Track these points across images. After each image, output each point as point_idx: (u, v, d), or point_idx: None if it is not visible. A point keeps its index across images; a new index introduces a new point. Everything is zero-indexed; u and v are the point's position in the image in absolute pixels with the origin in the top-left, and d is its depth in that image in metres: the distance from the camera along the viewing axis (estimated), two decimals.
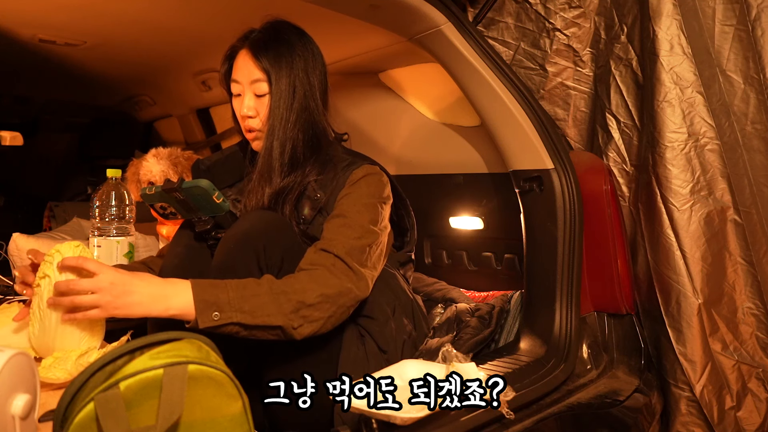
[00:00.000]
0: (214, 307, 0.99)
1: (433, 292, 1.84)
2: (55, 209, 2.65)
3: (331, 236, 1.16)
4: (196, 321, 0.99)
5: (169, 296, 0.99)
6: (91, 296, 0.97)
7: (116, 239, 1.55)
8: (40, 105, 2.76)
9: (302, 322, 1.05)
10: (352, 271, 1.12)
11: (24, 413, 0.69)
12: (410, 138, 2.08)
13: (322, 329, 1.08)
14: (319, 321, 1.07)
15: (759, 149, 1.37)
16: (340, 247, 1.13)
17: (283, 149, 1.24)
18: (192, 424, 0.73)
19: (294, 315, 1.04)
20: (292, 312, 1.04)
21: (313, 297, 1.06)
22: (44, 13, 1.54)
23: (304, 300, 1.05)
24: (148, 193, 1.29)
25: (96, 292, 0.97)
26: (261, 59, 1.23)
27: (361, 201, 1.22)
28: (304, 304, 1.05)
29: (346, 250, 1.13)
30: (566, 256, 1.44)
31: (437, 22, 1.40)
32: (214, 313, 0.99)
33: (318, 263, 1.11)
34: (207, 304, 0.99)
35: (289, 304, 1.04)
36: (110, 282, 0.97)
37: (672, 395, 1.51)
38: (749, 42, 1.33)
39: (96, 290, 0.97)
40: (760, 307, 1.44)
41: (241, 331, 1.02)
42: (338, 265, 1.11)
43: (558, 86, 1.66)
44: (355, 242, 1.15)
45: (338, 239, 1.15)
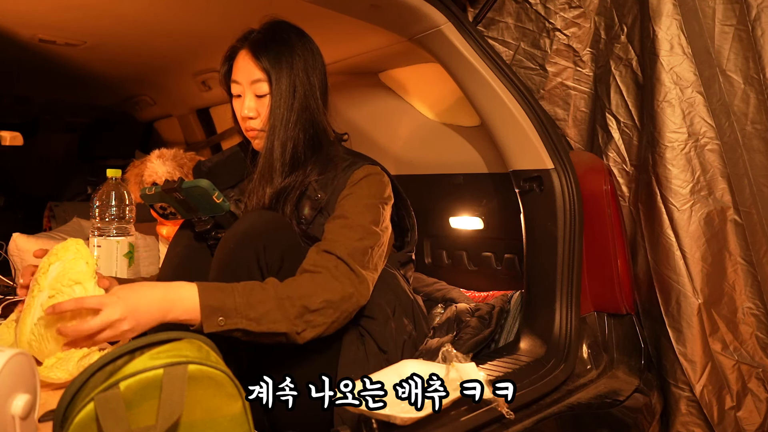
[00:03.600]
0: (219, 313, 0.99)
1: (433, 292, 1.84)
2: (55, 209, 2.65)
3: (333, 237, 1.16)
4: (200, 325, 0.99)
5: (175, 303, 0.98)
6: (107, 332, 0.94)
7: (116, 239, 1.55)
8: (40, 105, 2.76)
9: (306, 327, 1.05)
10: (355, 274, 1.12)
11: (24, 413, 0.69)
12: (410, 138, 2.07)
13: (324, 334, 1.09)
14: (322, 326, 1.07)
15: (759, 149, 1.37)
16: (342, 249, 1.13)
17: (284, 149, 1.24)
18: (192, 424, 0.73)
19: (298, 320, 1.04)
20: (297, 317, 1.04)
21: (317, 302, 1.06)
22: (44, 13, 1.54)
23: (308, 305, 1.05)
24: (148, 194, 1.29)
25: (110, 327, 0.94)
26: (261, 59, 1.23)
27: (363, 202, 1.22)
28: (308, 310, 1.05)
29: (349, 252, 1.13)
30: (566, 256, 1.44)
31: (437, 22, 1.40)
32: (219, 319, 0.99)
33: (321, 265, 1.11)
34: (213, 309, 0.99)
35: (293, 309, 1.04)
36: (119, 316, 0.94)
37: (672, 395, 1.51)
38: (749, 42, 1.33)
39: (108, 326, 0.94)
40: (760, 307, 1.44)
41: (245, 336, 1.03)
42: (341, 268, 1.11)
43: (558, 86, 1.66)
44: (357, 244, 1.15)
45: (340, 240, 1.15)
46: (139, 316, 0.95)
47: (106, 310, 0.93)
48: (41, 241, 1.75)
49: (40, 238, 1.81)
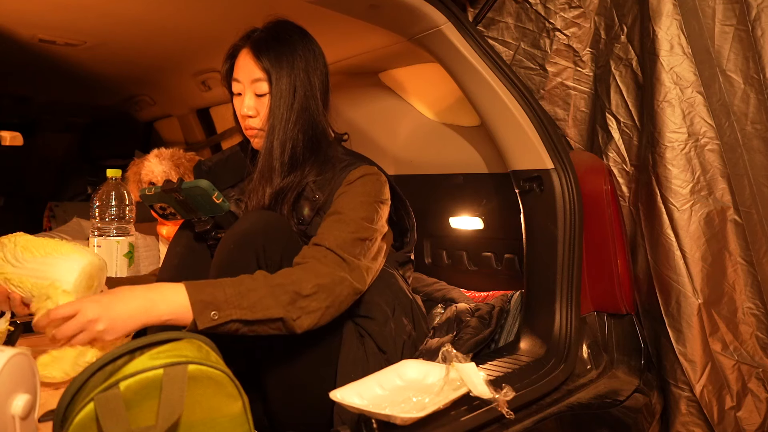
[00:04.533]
0: (211, 307, 0.98)
1: (433, 292, 1.84)
2: (55, 209, 2.66)
3: (323, 231, 1.17)
4: (194, 323, 0.97)
5: (157, 302, 0.97)
6: (84, 335, 0.93)
7: (116, 239, 1.55)
8: (40, 105, 2.76)
9: (300, 314, 1.04)
10: (345, 261, 1.12)
11: (24, 413, 0.69)
12: (410, 138, 2.07)
13: (321, 321, 1.08)
14: (317, 312, 1.06)
15: (759, 149, 1.37)
16: (331, 240, 1.13)
17: (284, 149, 1.24)
18: (192, 424, 0.73)
19: (291, 306, 1.04)
20: (290, 303, 1.04)
21: (308, 287, 1.05)
22: (44, 13, 1.54)
23: (300, 291, 1.05)
24: (148, 194, 1.29)
25: (85, 329, 0.93)
26: (262, 59, 1.23)
27: (357, 199, 1.22)
28: (300, 295, 1.04)
29: (338, 243, 1.13)
30: (566, 256, 1.44)
31: (437, 22, 1.40)
32: (212, 313, 0.98)
33: (309, 256, 1.12)
34: (204, 304, 0.98)
35: (286, 295, 1.03)
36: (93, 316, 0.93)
37: (672, 395, 1.51)
38: (749, 42, 1.33)
39: (83, 328, 0.93)
40: (760, 307, 1.44)
41: (241, 328, 1.01)
42: (330, 257, 1.12)
43: (558, 86, 1.66)
44: (347, 236, 1.15)
45: (331, 233, 1.15)
46: (115, 316, 0.94)
47: (79, 314, 0.93)
48: None
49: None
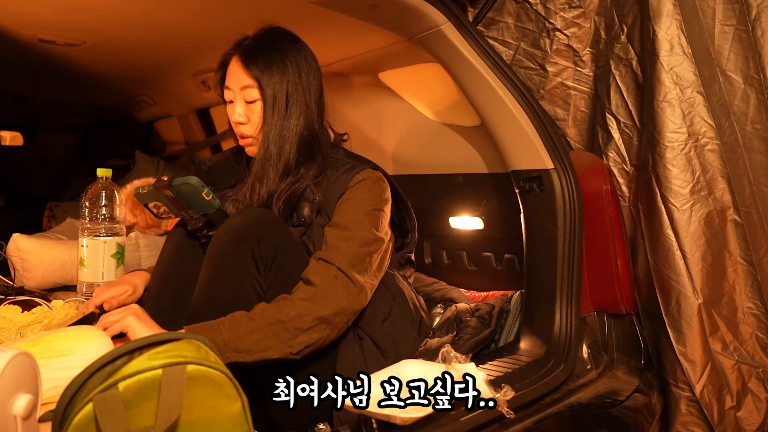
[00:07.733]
0: None
1: (433, 292, 1.84)
2: (55, 209, 2.66)
3: (333, 244, 1.18)
4: None
5: None
6: None
7: (103, 239, 1.53)
8: (40, 105, 2.76)
9: (301, 347, 1.09)
10: (353, 284, 1.14)
11: (26, 413, 0.69)
12: (410, 138, 2.07)
13: (322, 346, 1.12)
14: (317, 342, 1.11)
15: (759, 149, 1.37)
16: (341, 259, 1.15)
17: (278, 155, 1.25)
18: (191, 425, 0.73)
19: (292, 341, 1.08)
20: (290, 339, 1.07)
21: (309, 322, 1.09)
22: (44, 13, 1.54)
23: (300, 326, 1.08)
24: (141, 193, 1.31)
25: None
26: (251, 67, 1.24)
27: (363, 209, 1.23)
28: (301, 330, 1.08)
29: (348, 261, 1.15)
30: (566, 256, 1.44)
31: (437, 22, 1.40)
32: None
33: (321, 274, 1.13)
34: None
35: (286, 332, 1.07)
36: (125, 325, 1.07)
37: (672, 395, 1.51)
38: (749, 42, 1.33)
39: None
40: (760, 307, 1.44)
41: (240, 365, 1.05)
42: (340, 278, 1.14)
43: (558, 86, 1.66)
44: (356, 251, 1.17)
45: (341, 248, 1.17)
46: None
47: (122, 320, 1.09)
48: (41, 241, 1.75)
49: (40, 238, 1.80)
